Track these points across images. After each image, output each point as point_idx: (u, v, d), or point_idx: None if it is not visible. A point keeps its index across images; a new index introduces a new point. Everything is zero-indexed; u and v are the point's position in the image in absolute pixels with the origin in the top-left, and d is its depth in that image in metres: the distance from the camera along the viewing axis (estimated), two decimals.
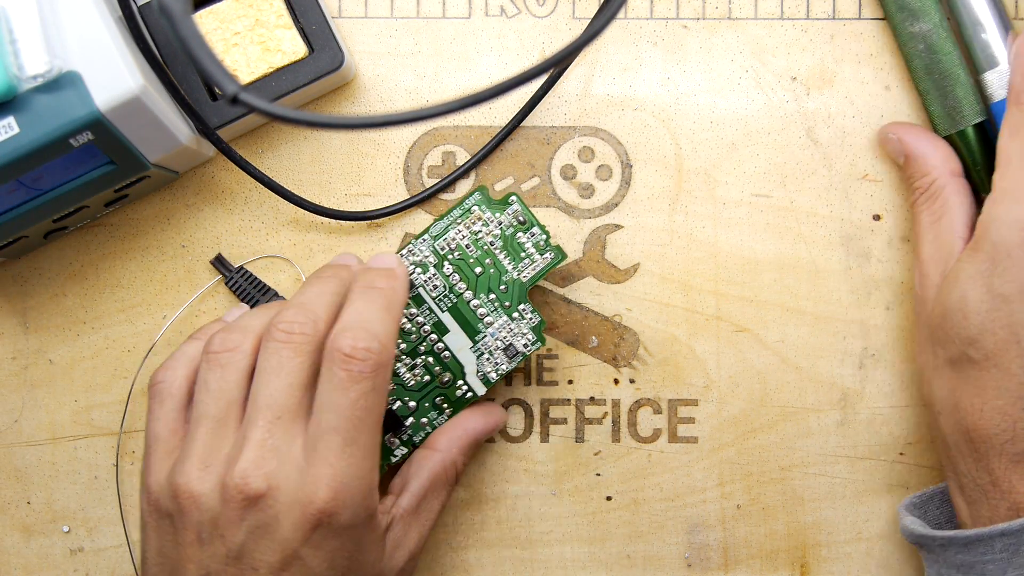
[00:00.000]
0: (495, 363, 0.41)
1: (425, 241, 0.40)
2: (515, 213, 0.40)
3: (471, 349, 0.41)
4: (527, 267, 0.41)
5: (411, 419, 0.41)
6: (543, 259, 0.41)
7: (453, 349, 0.41)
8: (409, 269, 0.40)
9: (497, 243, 0.40)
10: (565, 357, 0.43)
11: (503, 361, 0.41)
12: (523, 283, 0.41)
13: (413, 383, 0.41)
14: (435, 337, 0.41)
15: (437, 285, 0.40)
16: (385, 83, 0.43)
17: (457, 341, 0.41)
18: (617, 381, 0.43)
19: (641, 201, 0.43)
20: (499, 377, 0.41)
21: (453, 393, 0.41)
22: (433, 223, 0.40)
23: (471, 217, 0.40)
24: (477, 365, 0.41)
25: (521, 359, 0.41)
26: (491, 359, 0.41)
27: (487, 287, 0.40)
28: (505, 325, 0.41)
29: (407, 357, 0.41)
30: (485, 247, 0.40)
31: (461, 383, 0.41)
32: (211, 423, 0.35)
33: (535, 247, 0.41)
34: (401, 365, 0.41)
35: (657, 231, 0.43)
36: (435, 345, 0.41)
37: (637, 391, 0.43)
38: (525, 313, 0.41)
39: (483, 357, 0.41)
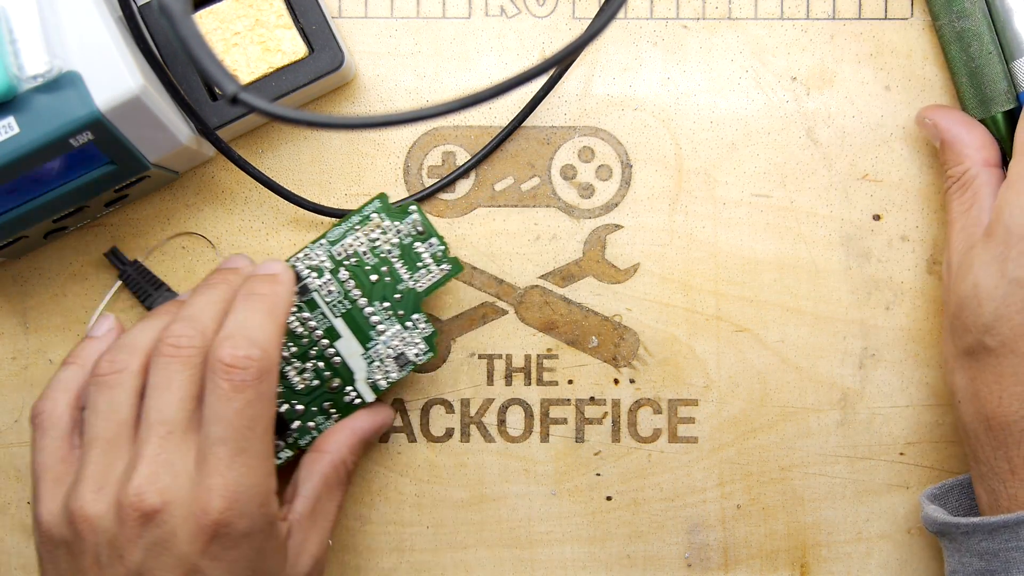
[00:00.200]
0: (385, 371, 0.41)
1: (322, 246, 0.40)
2: (414, 223, 0.40)
3: (362, 356, 0.41)
4: (423, 277, 0.41)
5: (298, 423, 0.41)
6: (440, 270, 0.41)
7: (344, 355, 0.41)
8: (304, 273, 0.40)
9: (395, 252, 0.40)
10: (565, 357, 0.43)
11: (393, 369, 0.41)
12: (418, 293, 0.41)
13: (302, 387, 0.40)
14: (327, 342, 0.40)
15: (332, 290, 0.40)
16: (385, 83, 0.43)
17: (349, 347, 0.41)
18: (617, 381, 0.43)
19: (641, 201, 0.43)
20: (388, 385, 0.41)
21: (342, 399, 0.41)
22: (331, 228, 0.40)
23: (370, 224, 0.40)
24: (367, 372, 0.41)
25: (411, 368, 0.41)
26: (382, 367, 0.41)
27: (382, 295, 0.40)
28: (398, 334, 0.41)
29: (297, 361, 0.40)
30: (382, 255, 0.40)
31: (350, 389, 0.41)
32: (103, 445, 0.35)
33: (432, 258, 0.41)
34: (291, 369, 0.40)
35: (657, 231, 0.43)
36: (326, 350, 0.40)
37: (637, 391, 0.43)
38: (419, 323, 0.41)
39: (374, 364, 0.41)
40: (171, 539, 0.33)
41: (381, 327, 0.40)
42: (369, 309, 0.40)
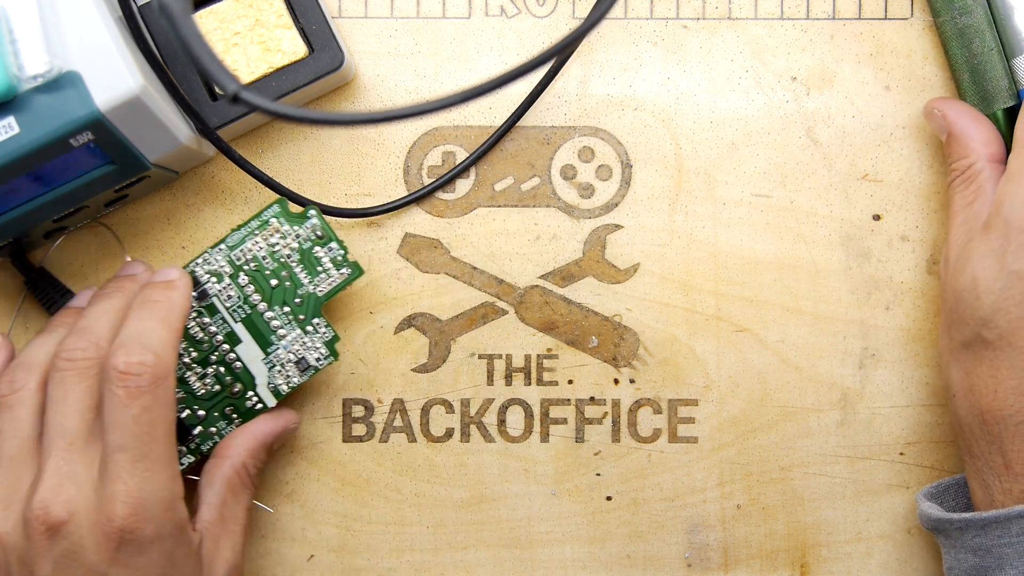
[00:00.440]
0: (287, 376, 0.41)
1: (221, 251, 0.40)
2: (313, 227, 0.40)
3: (263, 361, 0.41)
4: (323, 281, 0.41)
5: (200, 428, 0.41)
6: (340, 274, 0.41)
7: (245, 360, 0.41)
8: (203, 278, 0.40)
9: (294, 256, 0.40)
10: (565, 357, 0.43)
11: (295, 374, 0.41)
12: (318, 297, 0.41)
13: (203, 392, 0.41)
14: (227, 347, 0.40)
15: (232, 295, 0.40)
16: (385, 83, 0.43)
17: (249, 352, 0.41)
18: (617, 381, 0.43)
19: (641, 201, 0.43)
20: (290, 390, 0.41)
21: (243, 404, 0.41)
22: (230, 233, 0.40)
23: (269, 229, 0.40)
24: (268, 377, 0.41)
25: (313, 373, 0.41)
26: (283, 371, 0.41)
27: (282, 299, 0.40)
28: (298, 338, 0.41)
29: (198, 366, 0.40)
30: (282, 259, 0.40)
31: (251, 394, 0.41)
32: (7, 464, 0.35)
33: (332, 262, 0.41)
34: (191, 374, 0.40)
35: (657, 231, 0.43)
36: (227, 355, 0.40)
37: (637, 391, 0.43)
38: (319, 327, 0.41)
39: (275, 369, 0.41)
40: (79, 550, 0.34)
41: (281, 332, 0.41)
42: (269, 314, 0.40)
